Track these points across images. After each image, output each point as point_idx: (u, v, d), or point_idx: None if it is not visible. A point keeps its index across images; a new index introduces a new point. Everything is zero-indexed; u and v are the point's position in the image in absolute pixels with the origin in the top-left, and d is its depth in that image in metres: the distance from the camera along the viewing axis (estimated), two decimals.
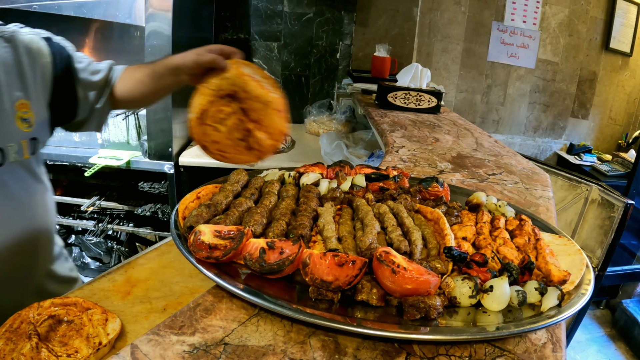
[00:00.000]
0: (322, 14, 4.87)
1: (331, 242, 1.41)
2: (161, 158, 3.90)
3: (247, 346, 1.07)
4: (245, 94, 1.70)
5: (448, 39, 5.41)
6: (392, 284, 1.19)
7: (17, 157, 1.74)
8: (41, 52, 1.82)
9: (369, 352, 1.10)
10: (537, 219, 1.81)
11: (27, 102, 1.76)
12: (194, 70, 1.78)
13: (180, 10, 3.67)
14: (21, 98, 1.74)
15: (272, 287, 1.25)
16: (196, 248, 1.30)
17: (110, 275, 1.68)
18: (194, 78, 1.79)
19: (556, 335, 1.24)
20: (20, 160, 1.76)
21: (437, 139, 3.08)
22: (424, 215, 1.66)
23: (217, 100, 1.71)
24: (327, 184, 1.80)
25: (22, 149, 1.75)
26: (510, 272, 1.31)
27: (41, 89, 1.83)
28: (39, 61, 1.81)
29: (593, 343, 5.08)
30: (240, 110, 1.70)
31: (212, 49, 1.76)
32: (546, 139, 6.02)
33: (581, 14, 5.54)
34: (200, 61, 1.74)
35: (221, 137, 1.71)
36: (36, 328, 1.29)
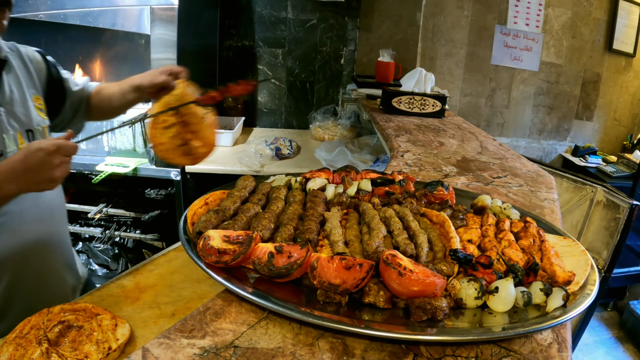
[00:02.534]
0: (325, 20, 4.88)
1: (338, 246, 1.42)
2: (167, 165, 3.91)
3: (257, 349, 1.08)
4: (186, 110, 1.94)
5: (451, 43, 5.41)
6: (398, 286, 1.20)
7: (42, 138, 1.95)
8: (37, 58, 2.13)
9: (377, 353, 1.11)
10: (542, 221, 1.82)
11: (39, 96, 2.07)
12: (150, 89, 2.09)
13: (185, 19, 3.69)
14: (35, 93, 2.04)
15: (280, 290, 1.26)
16: (205, 253, 1.31)
17: (119, 281, 1.70)
18: (152, 94, 2.11)
19: (562, 335, 1.25)
20: None
21: (441, 143, 3.09)
22: (430, 219, 1.67)
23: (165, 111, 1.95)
24: (333, 189, 1.81)
25: (44, 132, 2.04)
26: (515, 273, 1.32)
27: (41, 87, 2.11)
28: (38, 67, 2.11)
29: (601, 345, 5.07)
30: (181, 123, 1.94)
31: (164, 70, 2.07)
32: (551, 141, 6.01)
33: (584, 15, 5.54)
34: (154, 82, 2.06)
35: (165, 141, 1.95)
36: (46, 333, 1.30)
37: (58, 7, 3.58)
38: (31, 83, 2.04)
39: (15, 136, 1.89)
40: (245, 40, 4.90)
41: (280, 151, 4.23)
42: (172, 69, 2.06)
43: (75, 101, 2.26)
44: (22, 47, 2.08)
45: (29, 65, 2.06)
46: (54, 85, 2.17)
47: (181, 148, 1.96)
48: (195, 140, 1.97)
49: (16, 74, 1.98)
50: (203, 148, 1.99)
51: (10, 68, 1.96)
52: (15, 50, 2.03)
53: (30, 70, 2.05)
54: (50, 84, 2.15)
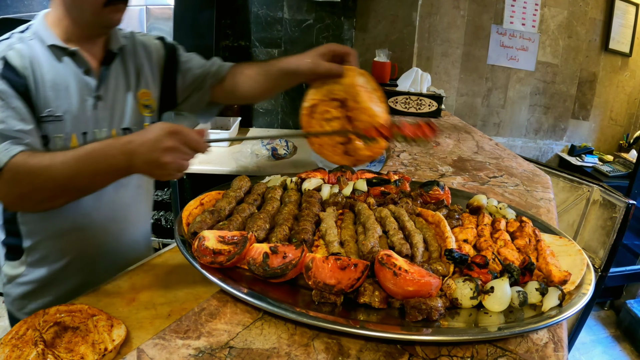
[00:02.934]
0: (322, 20, 4.88)
1: (333, 246, 1.42)
2: None
3: (252, 349, 1.08)
4: (354, 104, 1.77)
5: (448, 43, 5.41)
6: (393, 286, 1.20)
7: None
8: (157, 47, 2.09)
9: (372, 353, 1.11)
10: (538, 221, 1.82)
11: (148, 91, 2.03)
12: (309, 77, 1.89)
13: (181, 19, 3.69)
14: (142, 87, 2.00)
15: (275, 291, 1.26)
16: (200, 253, 1.31)
17: (115, 282, 1.70)
18: (310, 81, 1.91)
19: (558, 335, 1.25)
20: None
21: (437, 142, 3.09)
22: (425, 219, 1.67)
23: (328, 102, 1.80)
24: (329, 189, 1.81)
25: None
26: (511, 273, 1.32)
27: (157, 80, 2.09)
28: (154, 56, 2.07)
29: (598, 344, 5.07)
30: (345, 118, 1.77)
31: (326, 52, 1.85)
32: (547, 140, 6.01)
33: (580, 15, 5.54)
34: (316, 71, 1.84)
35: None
36: (42, 335, 1.30)
37: None
38: (141, 76, 2.02)
39: (109, 133, 1.89)
40: (242, 40, 4.90)
41: (277, 151, 4.23)
42: (336, 50, 1.87)
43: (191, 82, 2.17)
44: (140, 36, 2.07)
45: (143, 56, 2.04)
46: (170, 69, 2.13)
47: (341, 146, 1.82)
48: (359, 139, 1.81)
49: (126, 68, 1.97)
50: (367, 151, 1.81)
51: (120, 61, 1.96)
52: (131, 41, 2.02)
53: (143, 62, 2.03)
54: (166, 68, 2.12)
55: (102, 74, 1.88)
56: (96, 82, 1.85)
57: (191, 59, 2.17)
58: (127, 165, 1.54)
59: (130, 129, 1.94)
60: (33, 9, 3.58)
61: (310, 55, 1.86)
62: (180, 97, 2.18)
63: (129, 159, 1.52)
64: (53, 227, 1.93)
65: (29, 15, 3.56)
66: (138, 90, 2.00)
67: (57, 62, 1.79)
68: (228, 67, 2.18)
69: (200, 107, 2.24)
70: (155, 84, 2.08)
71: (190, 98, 2.19)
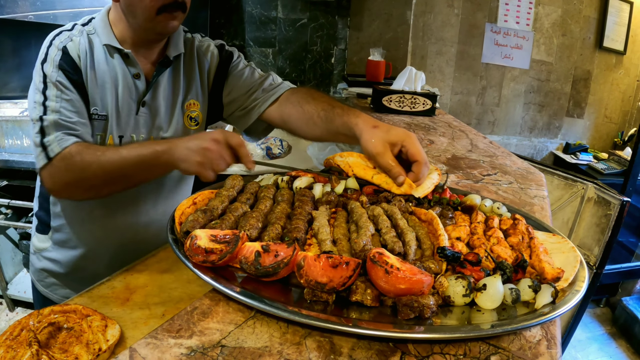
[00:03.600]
0: (316, 20, 4.88)
1: (326, 245, 1.42)
2: None
3: (244, 348, 1.08)
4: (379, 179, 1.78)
5: (442, 41, 5.42)
6: (385, 284, 1.20)
7: None
8: (213, 54, 2.05)
9: (364, 351, 1.11)
10: (532, 218, 1.82)
11: (197, 102, 2.01)
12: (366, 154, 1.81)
13: None
14: (192, 98, 1.98)
15: (267, 289, 1.26)
16: (193, 252, 1.31)
17: (109, 282, 1.70)
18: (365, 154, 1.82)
19: (551, 332, 1.25)
20: None
21: (432, 141, 3.09)
22: (418, 217, 1.67)
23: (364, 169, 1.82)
24: (321, 187, 1.81)
25: None
26: (503, 270, 1.32)
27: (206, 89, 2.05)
28: (207, 64, 2.03)
29: (594, 341, 5.09)
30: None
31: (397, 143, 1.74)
32: (542, 138, 6.03)
33: (574, 13, 5.56)
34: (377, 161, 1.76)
35: None
36: (36, 335, 1.30)
37: (48, 8, 3.57)
38: (192, 86, 1.99)
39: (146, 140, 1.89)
40: (236, 39, 4.90)
41: (271, 150, 4.23)
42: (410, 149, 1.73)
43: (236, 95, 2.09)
44: (200, 42, 2.05)
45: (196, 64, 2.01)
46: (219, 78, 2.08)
47: None
48: None
49: (178, 76, 1.95)
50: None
51: (175, 68, 1.94)
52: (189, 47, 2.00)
53: (195, 71, 2.00)
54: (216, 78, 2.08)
55: (152, 80, 1.87)
56: (144, 88, 1.86)
57: (244, 72, 2.09)
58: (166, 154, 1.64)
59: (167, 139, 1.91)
60: (27, 10, 3.58)
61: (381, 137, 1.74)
62: (226, 110, 2.14)
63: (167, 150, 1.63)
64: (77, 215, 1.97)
65: (23, 15, 3.56)
66: (187, 100, 1.98)
67: (110, 61, 1.81)
68: (283, 90, 2.09)
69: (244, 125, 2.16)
70: (204, 94, 2.05)
71: (234, 114, 2.13)
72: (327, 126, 1.94)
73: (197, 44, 2.03)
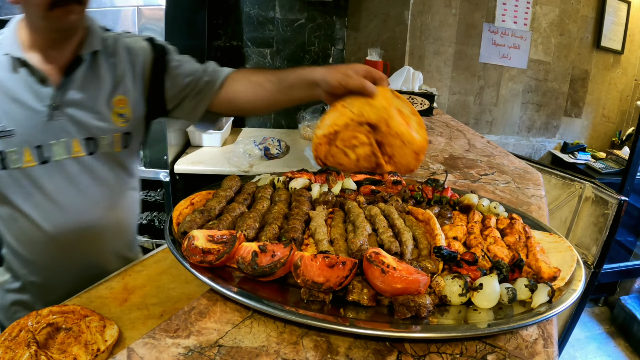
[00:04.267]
0: (313, 20, 4.88)
1: (323, 245, 1.42)
2: (156, 166, 3.91)
3: (241, 347, 1.09)
4: (387, 128, 1.68)
5: (440, 41, 5.42)
6: (382, 283, 1.20)
7: (108, 149, 1.87)
8: (144, 50, 1.95)
9: (361, 351, 1.11)
10: (529, 218, 1.82)
11: (126, 98, 1.89)
12: (336, 90, 1.77)
13: (173, 20, 3.68)
14: (119, 94, 1.87)
15: (265, 289, 1.26)
16: (190, 253, 1.31)
17: (107, 282, 1.70)
18: (330, 97, 1.80)
19: (547, 331, 1.26)
20: (111, 152, 1.89)
21: (429, 141, 3.10)
22: (415, 217, 1.67)
23: (355, 126, 1.69)
24: (318, 187, 1.81)
25: (113, 141, 1.89)
26: (500, 269, 1.33)
27: (140, 85, 1.95)
28: (139, 59, 1.93)
29: (592, 340, 5.09)
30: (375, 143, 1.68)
31: (360, 71, 1.75)
32: (540, 138, 6.03)
33: (572, 13, 5.56)
34: (347, 85, 1.74)
35: (348, 163, 1.72)
36: (35, 336, 1.30)
37: None
38: (119, 82, 1.88)
39: (70, 143, 1.80)
40: (234, 40, 4.90)
41: (269, 151, 4.23)
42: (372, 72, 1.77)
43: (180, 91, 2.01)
44: (126, 38, 1.95)
45: (124, 61, 1.90)
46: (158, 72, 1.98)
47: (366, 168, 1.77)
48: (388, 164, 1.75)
49: (97, 73, 1.84)
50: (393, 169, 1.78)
51: (90, 67, 1.83)
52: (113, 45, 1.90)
53: (124, 67, 1.90)
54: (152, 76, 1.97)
55: (62, 82, 1.77)
56: (52, 91, 1.75)
57: (183, 63, 2.02)
58: None
59: (95, 139, 1.84)
60: None
61: (340, 69, 1.77)
62: (171, 103, 2.05)
63: None
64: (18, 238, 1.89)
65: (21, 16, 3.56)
66: (113, 97, 1.88)
67: (12, 72, 1.72)
68: (227, 72, 2.03)
69: (196, 116, 2.09)
70: (137, 90, 1.95)
71: (182, 105, 2.05)
72: (279, 86, 1.93)
73: (123, 40, 1.93)
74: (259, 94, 1.97)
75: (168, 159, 3.90)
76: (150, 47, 1.98)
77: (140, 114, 1.98)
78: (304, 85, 1.85)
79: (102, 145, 1.86)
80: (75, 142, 1.80)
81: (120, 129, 1.90)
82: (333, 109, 1.72)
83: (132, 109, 1.93)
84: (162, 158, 3.89)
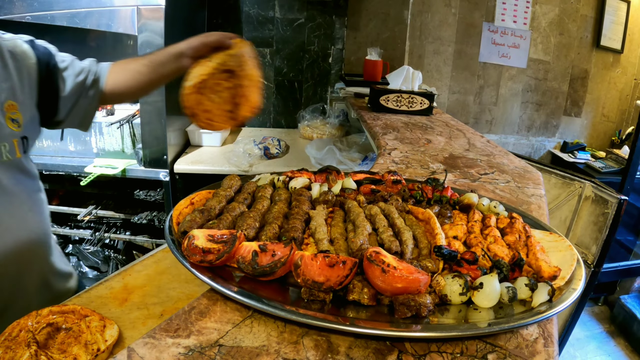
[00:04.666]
0: (313, 19, 4.88)
1: (323, 244, 1.43)
2: (156, 166, 3.92)
3: (241, 347, 1.08)
4: (242, 72, 1.86)
5: (439, 40, 5.42)
6: (382, 283, 1.20)
7: (9, 156, 1.77)
8: (26, 54, 1.85)
9: (361, 350, 1.11)
10: (529, 217, 1.82)
11: (15, 103, 1.79)
12: (200, 51, 1.91)
13: (172, 19, 3.68)
14: (9, 99, 1.76)
15: (265, 289, 1.26)
16: (190, 252, 1.31)
17: (107, 282, 1.70)
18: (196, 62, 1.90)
19: (548, 330, 1.26)
20: (13, 159, 1.79)
21: (429, 140, 3.10)
22: (415, 216, 1.67)
23: (218, 74, 1.85)
24: (318, 187, 1.81)
25: (14, 147, 1.78)
26: (500, 269, 1.33)
27: (28, 90, 1.85)
28: (24, 63, 1.84)
29: (592, 340, 5.09)
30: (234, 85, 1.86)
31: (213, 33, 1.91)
32: (540, 137, 6.03)
33: (571, 12, 5.56)
34: (207, 41, 1.90)
35: (214, 107, 1.87)
36: (35, 336, 1.30)
37: (45, 8, 3.56)
38: (7, 87, 1.78)
39: None
40: None
41: (269, 150, 4.23)
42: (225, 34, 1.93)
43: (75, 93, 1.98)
44: (5, 41, 1.83)
45: (10, 65, 1.80)
46: (46, 80, 1.90)
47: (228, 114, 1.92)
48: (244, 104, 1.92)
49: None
50: (247, 112, 1.95)
51: None
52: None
53: (10, 71, 1.80)
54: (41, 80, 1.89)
55: None
56: None
57: (71, 63, 2.00)
58: None
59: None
60: (25, 11, 3.57)
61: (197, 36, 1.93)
62: (64, 105, 1.99)
63: None
64: None
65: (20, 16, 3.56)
66: (4, 102, 1.77)
67: None
68: (107, 67, 2.08)
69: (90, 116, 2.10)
70: (25, 95, 1.85)
71: (77, 106, 2.02)
72: (152, 68, 2.03)
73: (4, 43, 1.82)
74: (137, 79, 2.06)
75: (168, 158, 3.90)
76: (31, 49, 1.89)
77: (31, 119, 1.89)
78: (172, 59, 1.97)
79: (2, 152, 1.75)
80: None
81: (17, 134, 1.80)
82: (198, 64, 1.89)
83: (23, 114, 1.84)
84: (161, 158, 3.89)
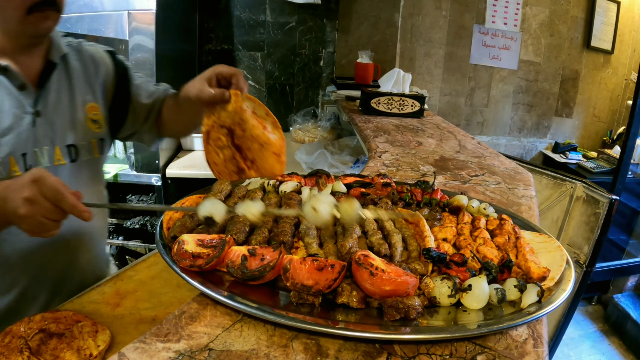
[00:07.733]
0: (304, 23, 4.89)
1: (312, 248, 1.43)
2: (148, 170, 3.91)
3: (231, 351, 1.09)
4: (242, 132, 1.76)
5: (430, 43, 5.43)
6: (371, 286, 1.21)
7: (88, 156, 1.85)
8: (105, 60, 1.96)
9: (351, 353, 1.12)
10: (518, 218, 1.83)
11: (97, 105, 1.89)
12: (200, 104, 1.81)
13: (164, 23, 3.68)
14: (91, 101, 1.86)
15: (255, 293, 1.26)
16: (180, 257, 1.31)
17: (99, 287, 1.70)
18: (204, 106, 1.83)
19: (537, 331, 1.26)
20: (92, 159, 1.88)
21: (420, 142, 3.10)
22: (405, 219, 1.68)
23: (218, 128, 1.78)
24: (308, 191, 1.82)
25: (92, 148, 1.87)
26: (489, 270, 1.34)
27: (103, 95, 1.94)
28: (102, 69, 1.94)
29: (586, 339, 5.11)
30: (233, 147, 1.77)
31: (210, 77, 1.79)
32: (531, 138, 6.05)
33: (561, 13, 5.58)
34: (201, 98, 1.78)
35: (219, 162, 1.80)
36: (27, 342, 1.30)
37: None
38: (88, 89, 1.87)
39: (52, 151, 1.75)
40: (225, 44, 4.90)
41: None
42: (222, 72, 1.80)
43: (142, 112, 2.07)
44: (88, 46, 1.94)
45: (91, 68, 1.90)
46: (121, 91, 2.01)
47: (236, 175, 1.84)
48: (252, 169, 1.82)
49: (70, 79, 1.83)
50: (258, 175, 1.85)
51: (63, 72, 1.81)
52: (77, 50, 1.89)
53: (91, 74, 1.89)
54: (117, 90, 2.00)
55: (40, 88, 1.74)
56: (33, 97, 1.71)
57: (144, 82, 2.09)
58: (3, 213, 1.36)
59: (76, 145, 1.81)
60: None
61: (197, 81, 1.81)
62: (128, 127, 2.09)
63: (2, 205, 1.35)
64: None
65: None
66: (86, 103, 1.87)
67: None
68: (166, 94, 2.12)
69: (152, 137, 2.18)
70: (103, 99, 1.95)
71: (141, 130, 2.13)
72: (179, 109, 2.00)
73: (87, 48, 1.93)
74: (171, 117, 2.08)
75: (160, 163, 3.90)
76: (111, 59, 2.00)
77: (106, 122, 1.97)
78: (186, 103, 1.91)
79: (82, 152, 1.83)
80: (57, 149, 1.77)
81: (96, 135, 1.89)
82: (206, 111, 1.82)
83: (104, 115, 1.94)
84: (154, 162, 3.89)
